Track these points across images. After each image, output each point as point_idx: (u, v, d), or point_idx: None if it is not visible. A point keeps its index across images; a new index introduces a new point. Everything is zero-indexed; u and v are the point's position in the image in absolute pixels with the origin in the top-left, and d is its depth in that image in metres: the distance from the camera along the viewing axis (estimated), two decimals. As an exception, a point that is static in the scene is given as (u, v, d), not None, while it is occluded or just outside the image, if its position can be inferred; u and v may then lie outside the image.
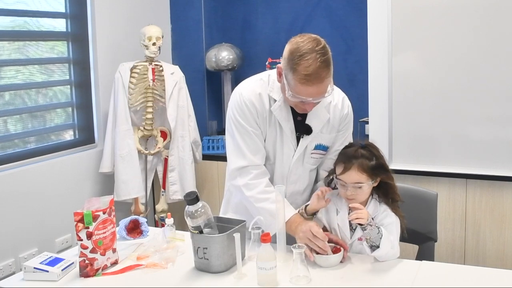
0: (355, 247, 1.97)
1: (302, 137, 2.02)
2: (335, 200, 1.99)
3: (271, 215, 1.94)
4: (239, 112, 2.00)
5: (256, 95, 2.00)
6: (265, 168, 2.04)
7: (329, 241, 1.92)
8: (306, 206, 2.00)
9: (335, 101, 2.06)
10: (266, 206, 1.97)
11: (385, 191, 1.95)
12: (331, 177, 2.00)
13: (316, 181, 2.19)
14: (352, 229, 1.96)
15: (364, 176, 1.87)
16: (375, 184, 1.92)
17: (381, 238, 1.83)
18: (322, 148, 2.08)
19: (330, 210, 2.00)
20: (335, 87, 2.04)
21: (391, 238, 1.86)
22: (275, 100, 1.99)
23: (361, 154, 1.89)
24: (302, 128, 2.02)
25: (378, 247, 1.84)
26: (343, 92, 2.11)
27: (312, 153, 2.07)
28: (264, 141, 2.04)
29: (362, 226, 1.83)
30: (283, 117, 2.00)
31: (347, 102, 2.10)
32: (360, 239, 1.93)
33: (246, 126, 2.00)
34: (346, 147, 1.99)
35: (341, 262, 1.87)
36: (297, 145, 2.04)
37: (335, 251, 1.88)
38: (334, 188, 2.00)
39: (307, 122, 2.02)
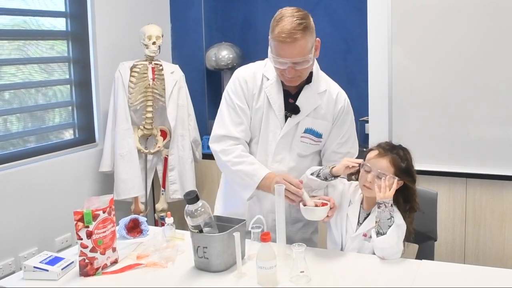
0: (358, 242, 1.99)
1: (290, 117, 2.10)
2: (351, 192, 2.06)
3: (248, 176, 2.06)
4: (232, 87, 2.16)
5: (251, 73, 2.15)
6: (244, 141, 2.13)
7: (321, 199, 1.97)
8: (332, 167, 1.99)
9: (330, 90, 2.14)
10: (243, 168, 2.07)
11: (406, 197, 1.98)
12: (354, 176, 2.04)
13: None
14: (359, 222, 2.00)
15: (392, 170, 1.93)
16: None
17: (389, 226, 1.86)
18: (313, 133, 2.13)
19: (343, 200, 2.06)
20: (332, 81, 2.17)
21: (400, 235, 1.88)
22: (268, 79, 2.11)
23: (398, 152, 1.97)
24: (291, 109, 2.10)
25: (384, 235, 1.86)
26: (341, 89, 2.18)
27: (302, 136, 2.12)
28: (251, 119, 2.13)
29: (378, 203, 1.88)
30: (273, 93, 2.10)
31: (344, 96, 2.17)
32: (364, 234, 1.96)
33: (235, 100, 2.12)
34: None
35: (328, 216, 1.91)
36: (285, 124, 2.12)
37: (322, 205, 1.92)
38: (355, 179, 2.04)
39: (297, 103, 2.10)
